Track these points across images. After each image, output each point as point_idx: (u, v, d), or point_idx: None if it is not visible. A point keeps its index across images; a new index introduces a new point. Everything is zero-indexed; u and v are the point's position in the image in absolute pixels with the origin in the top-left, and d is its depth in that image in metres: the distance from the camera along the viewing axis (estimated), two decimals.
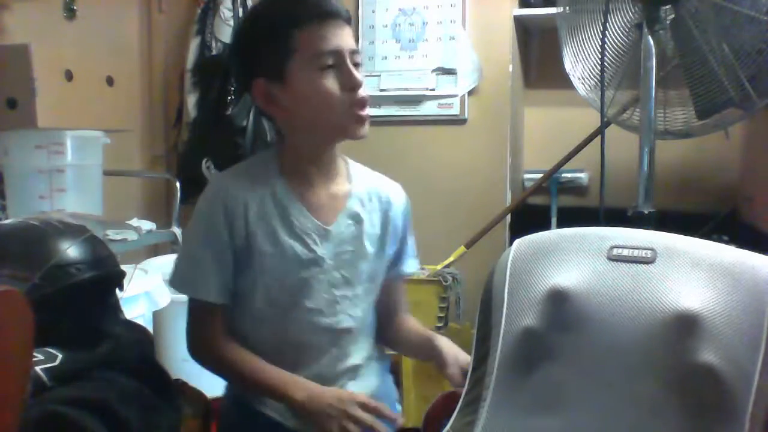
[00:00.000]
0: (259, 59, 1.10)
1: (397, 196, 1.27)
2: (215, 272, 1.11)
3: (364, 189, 1.21)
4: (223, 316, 1.14)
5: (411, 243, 1.31)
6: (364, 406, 1.04)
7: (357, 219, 1.18)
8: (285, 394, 1.08)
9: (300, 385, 1.09)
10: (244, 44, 1.16)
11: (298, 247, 1.12)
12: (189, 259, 1.14)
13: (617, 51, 1.77)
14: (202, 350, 1.15)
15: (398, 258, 1.27)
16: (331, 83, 1.08)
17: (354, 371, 1.20)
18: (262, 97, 1.11)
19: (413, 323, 1.31)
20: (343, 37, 1.09)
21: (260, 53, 1.10)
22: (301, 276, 1.12)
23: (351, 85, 1.08)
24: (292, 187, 1.14)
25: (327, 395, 1.06)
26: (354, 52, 1.10)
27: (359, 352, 1.21)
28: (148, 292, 1.73)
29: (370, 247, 1.18)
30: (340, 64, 1.08)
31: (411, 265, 1.31)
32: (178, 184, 2.43)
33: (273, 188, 1.13)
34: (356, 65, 1.10)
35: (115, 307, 1.02)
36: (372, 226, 1.20)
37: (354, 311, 1.18)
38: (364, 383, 1.20)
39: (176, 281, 1.15)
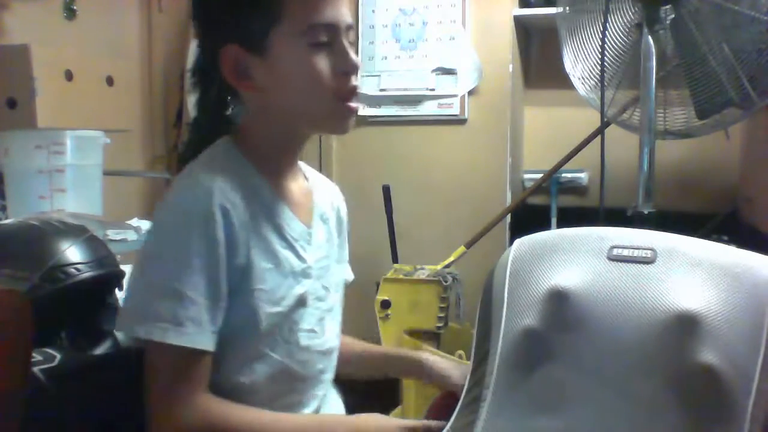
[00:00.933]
0: (234, 21, 0.89)
1: (340, 195, 1.14)
2: (212, 307, 0.83)
3: (319, 186, 1.07)
4: (208, 368, 0.85)
5: (347, 248, 1.16)
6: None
7: (324, 219, 1.04)
8: None
9: (345, 422, 0.94)
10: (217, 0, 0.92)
11: (293, 258, 0.93)
12: (169, 292, 0.81)
13: (617, 51, 1.77)
14: (189, 420, 0.82)
15: (342, 264, 1.13)
16: (322, 64, 0.88)
17: (328, 397, 1.05)
18: (232, 68, 0.89)
19: (353, 340, 1.18)
20: (341, 9, 0.90)
21: (237, 14, 0.88)
22: (296, 292, 0.93)
23: (346, 68, 0.90)
24: (270, 183, 0.94)
25: (387, 426, 0.92)
26: (350, 29, 0.92)
27: (331, 375, 1.05)
28: None
29: (335, 250, 1.06)
30: (335, 41, 0.90)
31: (349, 272, 1.16)
32: None
33: (253, 184, 0.92)
34: (351, 44, 0.92)
35: (115, 307, 1.02)
36: (332, 227, 1.06)
37: (334, 326, 1.03)
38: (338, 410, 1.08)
39: (147, 324, 0.81)
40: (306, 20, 0.87)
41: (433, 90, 2.52)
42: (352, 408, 1.08)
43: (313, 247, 0.97)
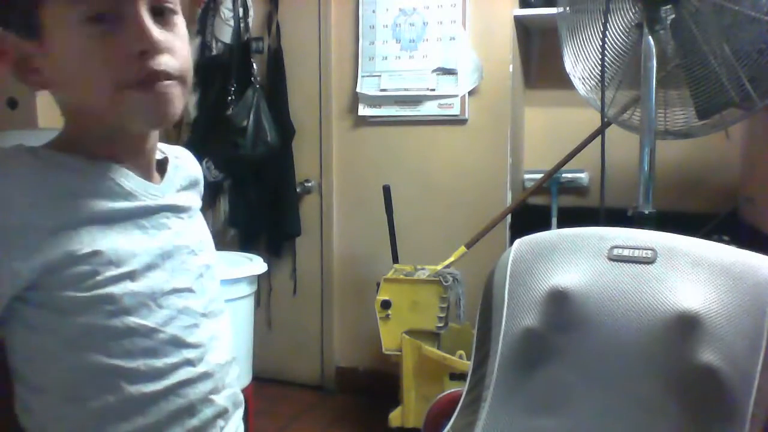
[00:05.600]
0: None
1: (193, 159, 0.93)
2: None
3: (172, 154, 0.88)
4: None
5: None
6: None
7: (190, 185, 0.86)
8: None
9: None
10: None
11: (133, 206, 0.74)
12: None
13: (617, 51, 1.77)
14: None
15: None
16: (99, 44, 0.67)
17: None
18: (12, 60, 0.71)
19: None
20: None
21: None
22: (153, 245, 0.74)
23: (139, 46, 0.67)
24: (97, 159, 0.75)
25: None
26: None
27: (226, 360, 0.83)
28: None
29: (198, 210, 0.87)
30: (124, 12, 0.67)
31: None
32: None
33: (67, 163, 0.74)
34: (169, 12, 0.71)
35: None
36: (190, 185, 0.87)
37: (214, 286, 0.84)
38: None
39: None
40: None
41: (433, 90, 2.52)
42: (355, 407, 1.05)
43: (168, 209, 0.79)
